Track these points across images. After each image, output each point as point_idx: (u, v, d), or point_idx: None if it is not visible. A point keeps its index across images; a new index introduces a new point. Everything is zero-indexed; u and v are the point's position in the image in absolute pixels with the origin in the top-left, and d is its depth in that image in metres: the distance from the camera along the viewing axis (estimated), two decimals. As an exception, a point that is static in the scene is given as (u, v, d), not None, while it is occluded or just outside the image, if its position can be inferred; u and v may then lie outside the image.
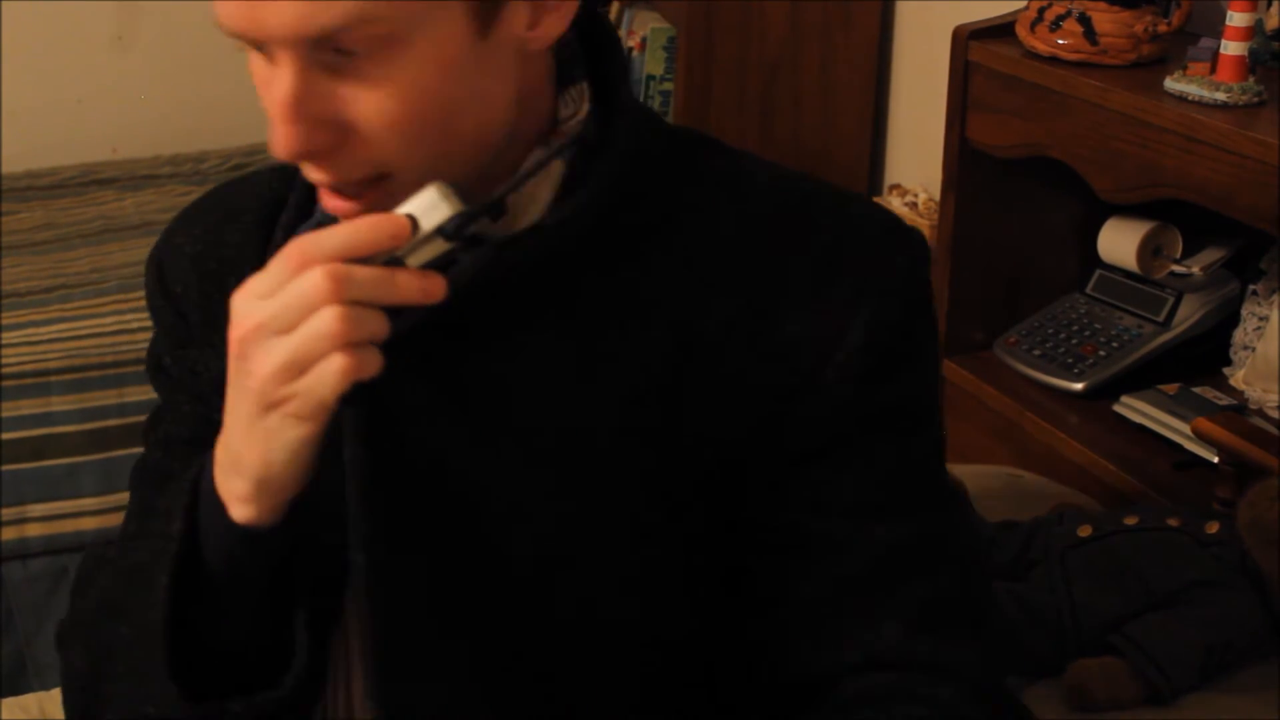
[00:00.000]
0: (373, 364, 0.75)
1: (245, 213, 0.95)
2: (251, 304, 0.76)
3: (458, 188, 0.78)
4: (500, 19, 0.77)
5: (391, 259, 0.76)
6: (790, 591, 0.87)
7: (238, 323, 0.77)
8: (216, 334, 0.89)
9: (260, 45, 0.78)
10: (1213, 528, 1.40)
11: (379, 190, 0.79)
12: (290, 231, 0.90)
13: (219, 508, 0.82)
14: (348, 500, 0.84)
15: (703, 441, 0.86)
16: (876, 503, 0.86)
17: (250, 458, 0.78)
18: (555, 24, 0.80)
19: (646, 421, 0.85)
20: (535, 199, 0.84)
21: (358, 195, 0.80)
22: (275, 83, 0.77)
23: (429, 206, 0.77)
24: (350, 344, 0.74)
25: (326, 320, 0.73)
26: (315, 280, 0.73)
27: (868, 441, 0.86)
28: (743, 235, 0.87)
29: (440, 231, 0.76)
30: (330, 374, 0.74)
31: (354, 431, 0.83)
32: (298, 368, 0.75)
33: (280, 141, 0.76)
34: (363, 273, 0.74)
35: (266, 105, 0.78)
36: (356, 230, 0.75)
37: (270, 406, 0.76)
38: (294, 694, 0.86)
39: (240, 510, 0.81)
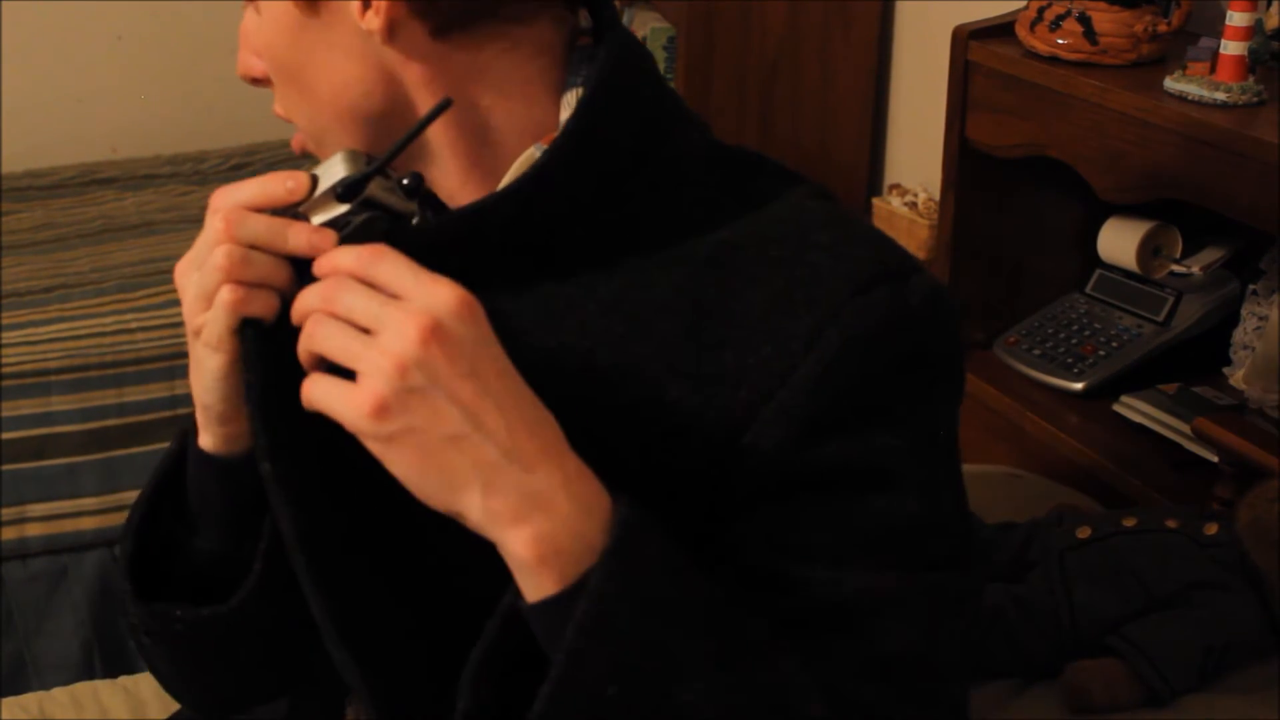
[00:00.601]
0: (260, 304, 0.81)
1: None
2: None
3: (373, 157, 0.85)
4: (324, 1, 0.85)
5: (298, 215, 0.83)
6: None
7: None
8: None
9: None
10: (1211, 529, 1.40)
11: (299, 137, 0.92)
12: None
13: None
14: (250, 421, 0.86)
15: (653, 462, 0.83)
16: (829, 553, 0.83)
17: (194, 386, 0.87)
18: (374, 18, 0.84)
19: (581, 428, 0.80)
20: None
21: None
22: None
23: (329, 167, 0.84)
24: (238, 280, 0.81)
25: (217, 256, 0.81)
26: (214, 222, 0.81)
27: (824, 494, 0.82)
28: (721, 253, 0.85)
29: (332, 192, 0.82)
30: (220, 305, 0.81)
31: (244, 358, 0.84)
32: (205, 300, 0.82)
33: (237, 64, 0.92)
34: (255, 219, 0.81)
35: None
36: (263, 183, 0.83)
37: (194, 335, 0.85)
38: (236, 614, 0.90)
39: (202, 437, 0.89)
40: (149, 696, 1.47)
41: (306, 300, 0.78)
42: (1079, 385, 1.93)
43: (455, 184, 0.89)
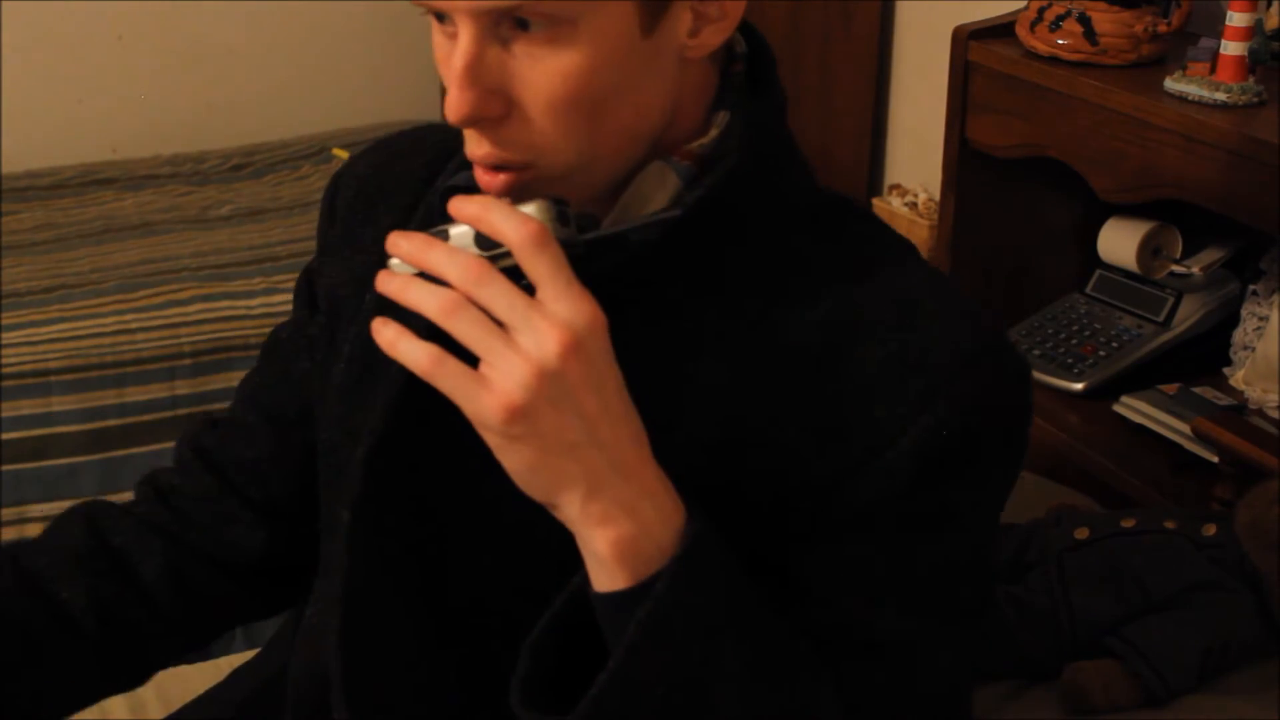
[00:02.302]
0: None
1: (419, 154, 1.01)
2: None
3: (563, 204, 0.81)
4: (665, 20, 0.81)
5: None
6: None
7: None
8: (347, 249, 1.00)
9: (443, 15, 0.82)
10: (1210, 530, 1.40)
11: (525, 175, 0.83)
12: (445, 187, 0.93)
13: None
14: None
15: (741, 493, 0.86)
16: (876, 586, 0.86)
17: None
18: (714, 35, 0.84)
19: (695, 459, 0.85)
20: (647, 206, 0.87)
21: (506, 175, 0.83)
22: (455, 51, 0.81)
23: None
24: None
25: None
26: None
27: (887, 533, 0.86)
28: (837, 309, 0.87)
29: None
30: None
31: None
32: None
33: (452, 105, 0.81)
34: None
35: (444, 75, 0.83)
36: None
37: None
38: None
39: None
40: (149, 696, 1.47)
41: (449, 273, 0.75)
42: (1079, 385, 1.93)
43: (587, 157, 0.85)
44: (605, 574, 0.79)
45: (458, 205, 0.77)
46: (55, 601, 1.02)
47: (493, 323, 0.75)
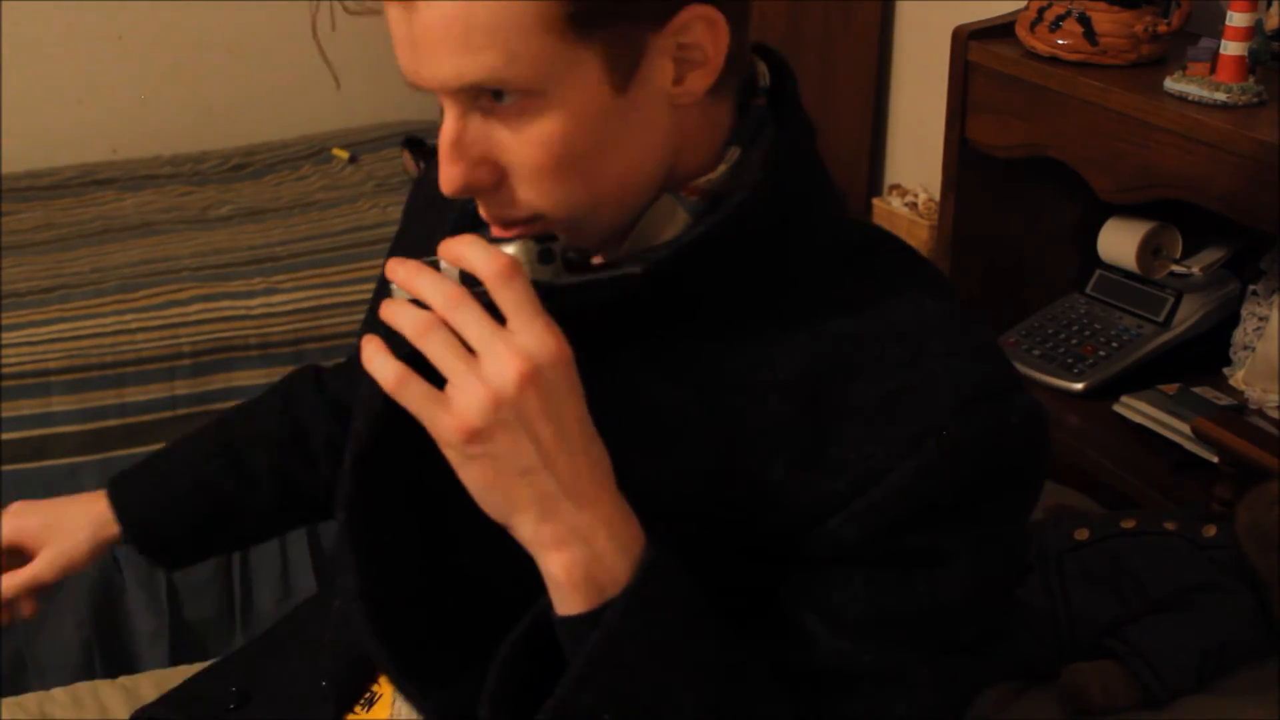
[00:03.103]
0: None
1: None
2: None
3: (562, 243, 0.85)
4: (639, 75, 0.82)
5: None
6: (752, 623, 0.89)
7: None
8: (397, 245, 1.09)
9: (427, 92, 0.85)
10: (1210, 531, 1.40)
11: (535, 226, 0.86)
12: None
13: None
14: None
15: (724, 521, 0.88)
16: (857, 621, 0.86)
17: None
18: (699, 80, 0.84)
19: (681, 485, 0.87)
20: (657, 239, 0.89)
21: (518, 228, 0.86)
22: (443, 125, 0.84)
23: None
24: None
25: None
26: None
27: (880, 570, 0.86)
28: (840, 344, 0.87)
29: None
30: None
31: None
32: None
33: (442, 179, 0.84)
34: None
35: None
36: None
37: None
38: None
39: None
40: (150, 695, 1.47)
41: (429, 298, 0.79)
42: (1079, 385, 1.93)
43: (588, 208, 0.88)
44: (561, 597, 0.82)
45: (444, 245, 0.81)
46: (244, 465, 1.29)
47: (462, 347, 0.78)
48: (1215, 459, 1.66)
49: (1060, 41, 1.84)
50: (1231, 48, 1.66)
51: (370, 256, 2.52)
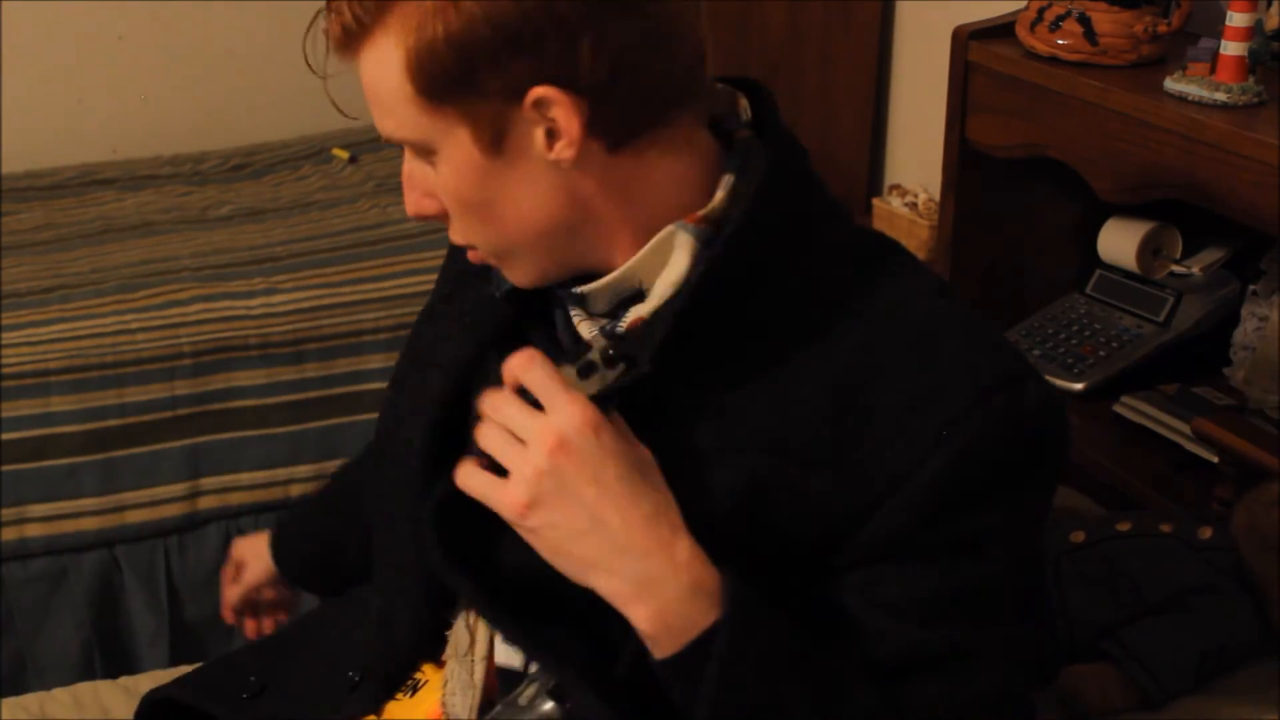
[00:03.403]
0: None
1: None
2: None
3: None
4: (509, 140, 0.94)
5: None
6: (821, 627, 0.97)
7: None
8: (437, 308, 1.18)
9: None
10: (1206, 533, 1.40)
11: (477, 253, 1.01)
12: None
13: None
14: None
15: (777, 534, 0.95)
16: (920, 609, 0.94)
17: None
18: (565, 148, 0.93)
19: (731, 510, 0.95)
20: (667, 267, 0.97)
21: (471, 251, 1.02)
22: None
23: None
24: None
25: None
26: None
27: (928, 559, 0.94)
28: (859, 352, 0.95)
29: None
30: None
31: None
32: None
33: (405, 203, 1.01)
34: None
35: None
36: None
37: None
38: None
39: None
40: (149, 696, 1.47)
41: (484, 404, 0.93)
42: (1079, 385, 1.93)
43: (604, 253, 0.98)
44: (651, 645, 0.91)
45: (507, 364, 0.93)
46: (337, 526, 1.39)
47: (513, 438, 0.91)
48: (1215, 459, 1.67)
49: (1060, 41, 1.84)
50: (1231, 48, 1.66)
51: (370, 256, 2.52)
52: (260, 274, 2.46)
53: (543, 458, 0.89)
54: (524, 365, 0.91)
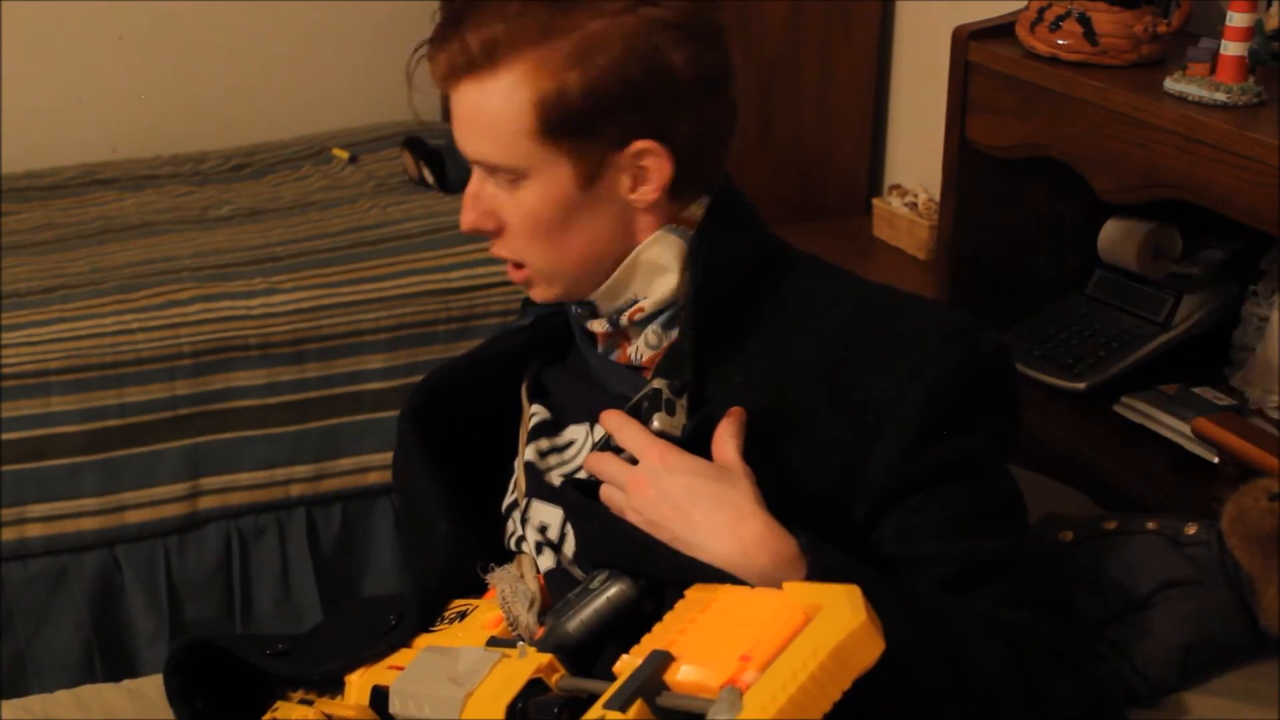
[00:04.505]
0: None
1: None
2: None
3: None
4: (601, 180, 1.14)
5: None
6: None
7: None
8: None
9: None
10: (1191, 529, 1.40)
11: (523, 271, 1.19)
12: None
13: None
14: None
15: (798, 485, 1.10)
16: (954, 529, 1.09)
17: None
18: (648, 194, 1.14)
19: (755, 465, 1.08)
20: (657, 268, 1.18)
21: (517, 269, 1.20)
22: (470, 181, 1.18)
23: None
24: None
25: None
26: None
27: (938, 486, 1.10)
28: (836, 326, 1.15)
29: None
30: None
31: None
32: None
33: (461, 218, 1.18)
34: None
35: None
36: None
37: None
38: None
39: None
40: (153, 697, 1.48)
41: (587, 462, 1.13)
42: (1079, 385, 1.93)
43: (554, 268, 1.19)
44: (786, 574, 1.02)
45: (604, 417, 1.11)
46: None
47: (627, 464, 1.08)
48: (1215, 459, 1.66)
49: (1060, 41, 1.84)
50: (1231, 48, 1.66)
51: (370, 256, 2.52)
52: (260, 274, 2.46)
53: (630, 493, 1.06)
54: (611, 425, 1.09)
